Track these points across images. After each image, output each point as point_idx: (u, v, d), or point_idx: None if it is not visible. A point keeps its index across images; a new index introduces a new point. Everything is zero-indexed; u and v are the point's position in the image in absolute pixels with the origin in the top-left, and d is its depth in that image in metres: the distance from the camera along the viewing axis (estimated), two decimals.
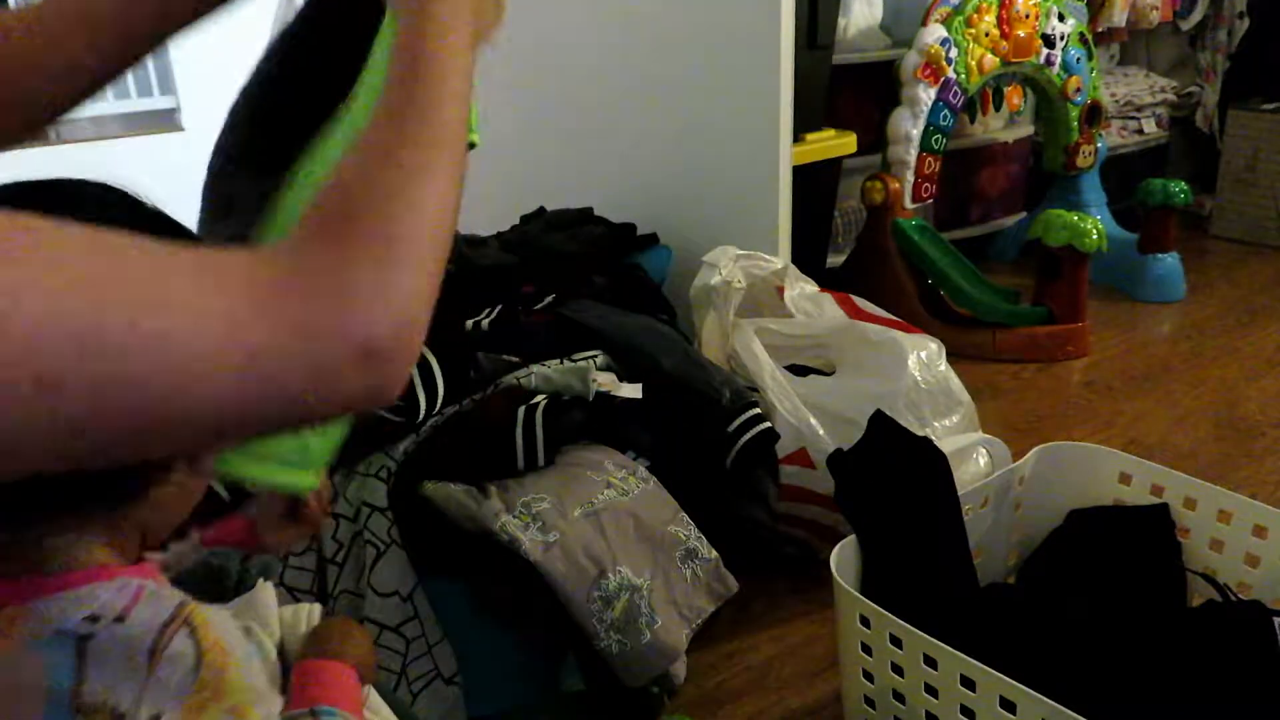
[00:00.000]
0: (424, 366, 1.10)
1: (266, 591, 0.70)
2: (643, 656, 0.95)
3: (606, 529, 1.00)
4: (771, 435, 1.18)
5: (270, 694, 0.53)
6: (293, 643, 0.67)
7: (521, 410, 1.07)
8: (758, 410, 1.19)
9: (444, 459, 1.04)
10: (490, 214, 1.72)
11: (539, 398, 1.10)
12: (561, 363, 1.19)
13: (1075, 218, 2.04)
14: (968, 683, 0.84)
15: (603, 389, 1.14)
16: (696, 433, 1.16)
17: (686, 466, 1.14)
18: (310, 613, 0.69)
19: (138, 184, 0.62)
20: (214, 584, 0.75)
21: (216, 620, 0.51)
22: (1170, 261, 2.40)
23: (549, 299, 1.34)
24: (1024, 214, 2.68)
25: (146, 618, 0.49)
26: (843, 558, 0.98)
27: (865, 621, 0.93)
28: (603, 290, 1.40)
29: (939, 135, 2.14)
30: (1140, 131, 2.90)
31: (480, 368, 1.16)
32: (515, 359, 1.19)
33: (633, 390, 1.16)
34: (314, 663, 0.64)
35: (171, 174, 0.80)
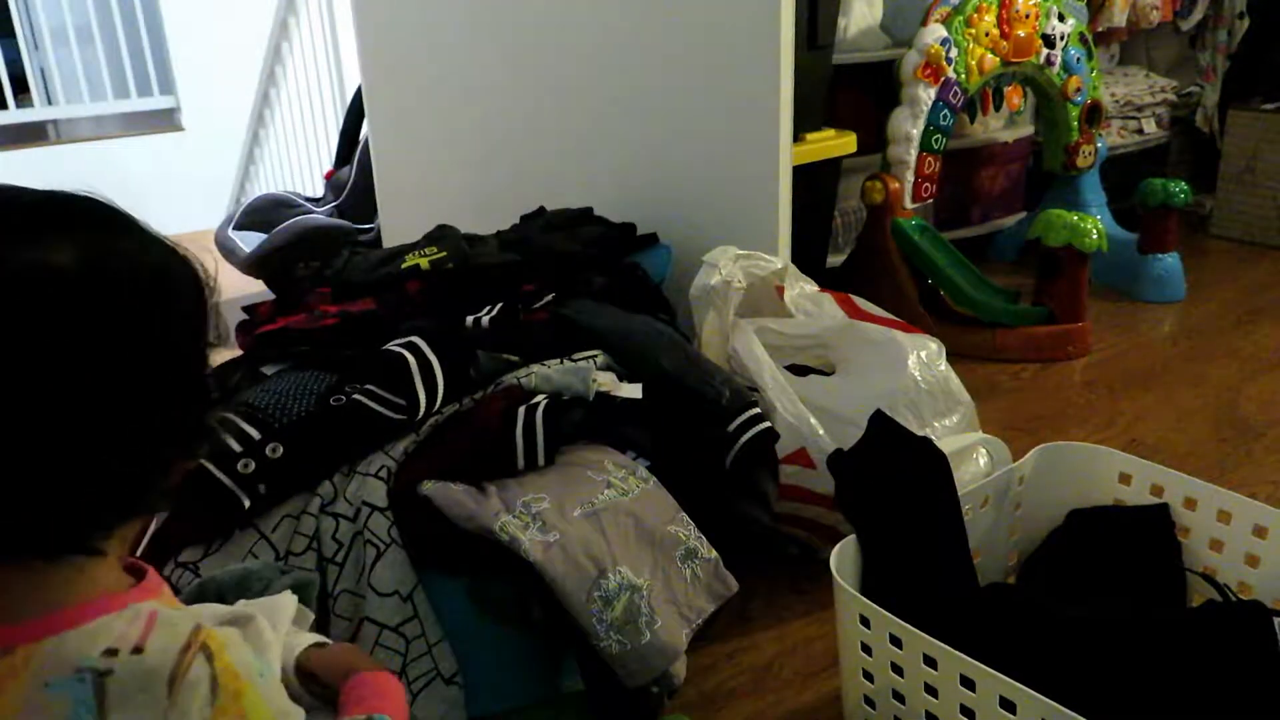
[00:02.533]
0: (424, 365, 1.10)
1: (288, 601, 0.69)
2: (643, 656, 0.95)
3: (606, 529, 1.00)
4: (771, 435, 1.18)
5: (295, 710, 0.52)
6: (285, 657, 0.66)
7: (522, 410, 1.07)
8: (757, 410, 1.19)
9: (444, 458, 1.04)
10: (490, 213, 1.72)
11: (539, 397, 1.10)
12: (562, 362, 1.19)
13: (1075, 217, 2.04)
14: (967, 682, 0.84)
15: (603, 389, 1.14)
16: (696, 432, 1.16)
17: (686, 466, 1.14)
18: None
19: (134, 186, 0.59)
20: (241, 590, 0.75)
21: (230, 642, 0.50)
22: (1170, 261, 2.40)
23: (549, 298, 1.34)
24: (1024, 214, 2.68)
25: (163, 644, 0.48)
26: (843, 557, 0.98)
27: (865, 621, 0.93)
28: (602, 290, 1.40)
29: (939, 135, 2.14)
30: (1140, 131, 2.90)
31: (480, 367, 1.16)
32: (515, 358, 1.19)
33: (632, 390, 1.16)
34: (368, 674, 0.64)
35: (171, 173, 0.80)
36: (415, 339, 1.13)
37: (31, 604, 0.49)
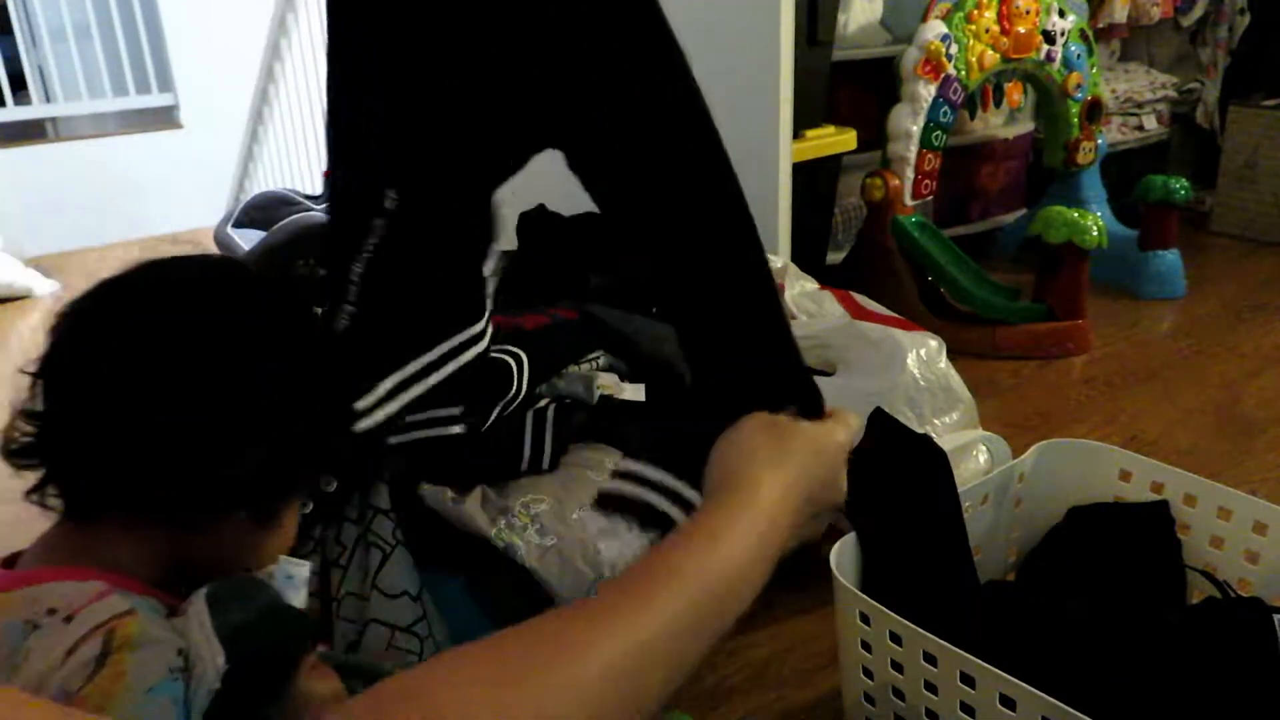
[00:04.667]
0: (520, 373, 1.07)
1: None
2: None
3: (605, 531, 0.99)
4: None
5: None
6: None
7: (530, 414, 1.07)
8: None
9: (445, 460, 1.03)
10: None
11: (544, 401, 1.10)
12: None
13: (1075, 214, 2.04)
14: (967, 680, 0.84)
15: (605, 391, 1.13)
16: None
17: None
18: None
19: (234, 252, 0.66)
20: None
21: (144, 640, 0.50)
22: (1170, 258, 2.40)
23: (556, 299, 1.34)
24: (1024, 210, 2.68)
25: (88, 618, 0.51)
26: (842, 555, 0.98)
27: (865, 618, 0.93)
28: (600, 289, 1.39)
29: (939, 132, 2.14)
30: (1140, 128, 2.90)
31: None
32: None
33: (635, 391, 1.16)
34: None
35: (170, 170, 0.80)
36: (518, 350, 1.07)
37: (57, 554, 0.58)
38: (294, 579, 0.65)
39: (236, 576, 0.64)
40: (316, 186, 3.30)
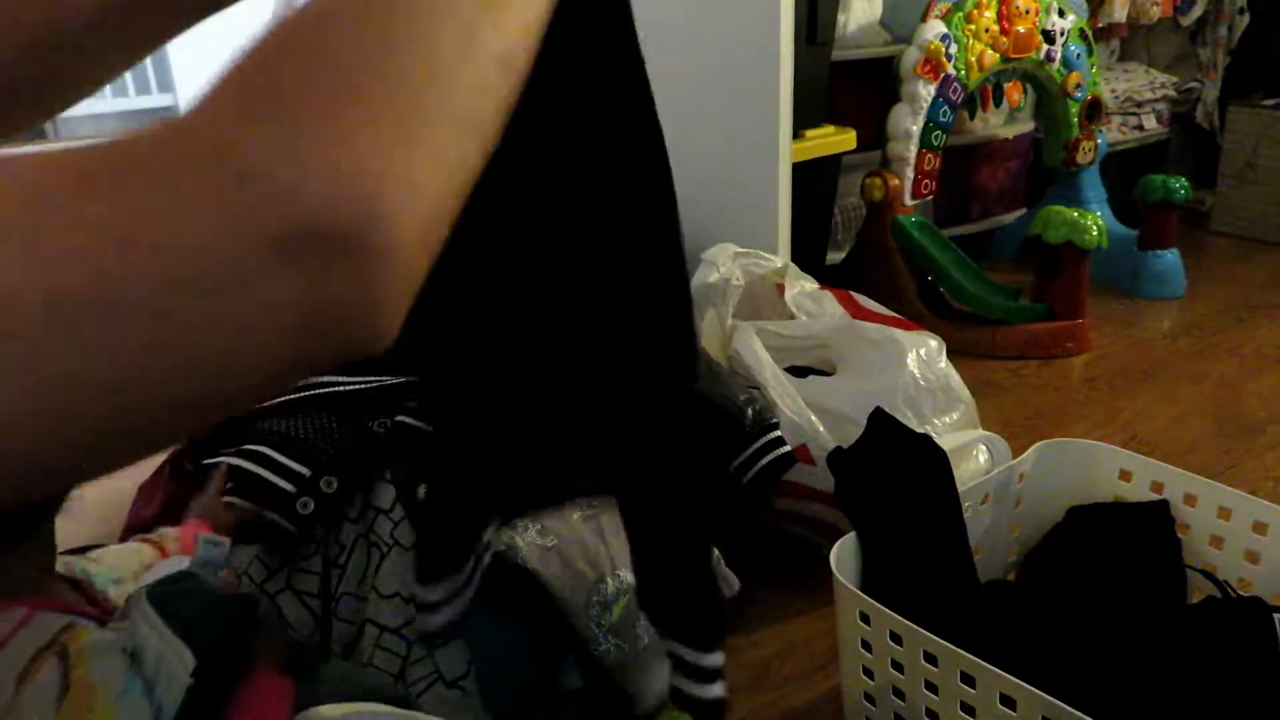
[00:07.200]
0: None
1: None
2: (641, 661, 0.95)
3: (606, 531, 1.00)
4: (789, 459, 1.19)
5: None
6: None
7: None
8: (778, 433, 1.19)
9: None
10: None
11: None
12: None
13: (1075, 214, 2.04)
14: (968, 679, 0.84)
15: None
16: (717, 453, 1.16)
17: (691, 471, 1.14)
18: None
19: None
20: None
21: (97, 650, 0.49)
22: (1170, 258, 2.40)
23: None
24: (1024, 210, 2.68)
25: (24, 644, 0.48)
26: (843, 555, 0.98)
27: (865, 618, 0.93)
28: None
29: (939, 132, 2.14)
30: (1140, 128, 2.90)
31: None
32: None
33: None
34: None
35: None
36: None
37: None
38: (213, 561, 0.62)
39: (172, 574, 0.61)
40: None
